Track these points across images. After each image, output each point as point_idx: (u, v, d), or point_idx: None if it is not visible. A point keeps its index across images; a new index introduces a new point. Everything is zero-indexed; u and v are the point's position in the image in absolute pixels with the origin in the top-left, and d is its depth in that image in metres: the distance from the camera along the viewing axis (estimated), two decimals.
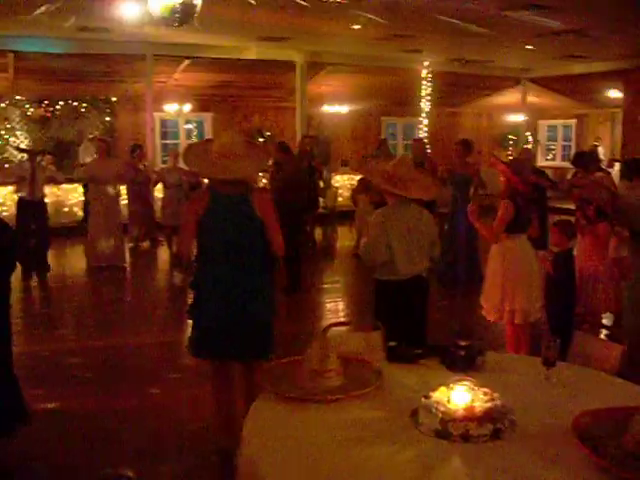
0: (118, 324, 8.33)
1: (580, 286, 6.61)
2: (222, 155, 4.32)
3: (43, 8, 9.74)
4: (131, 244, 13.16)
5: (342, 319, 8.13)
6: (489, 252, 6.25)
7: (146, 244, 13.39)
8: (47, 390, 5.95)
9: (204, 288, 4.50)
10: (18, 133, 16.79)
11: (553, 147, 24.20)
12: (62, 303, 9.50)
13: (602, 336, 5.00)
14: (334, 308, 9.20)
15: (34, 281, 10.32)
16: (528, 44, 14.48)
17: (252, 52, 15.44)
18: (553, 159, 23.90)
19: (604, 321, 7.03)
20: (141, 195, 13.17)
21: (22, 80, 16.25)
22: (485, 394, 2.82)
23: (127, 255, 12.12)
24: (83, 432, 5.20)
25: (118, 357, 6.99)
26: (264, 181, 13.03)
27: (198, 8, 6.93)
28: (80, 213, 14.97)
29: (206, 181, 4.90)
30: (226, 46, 15.01)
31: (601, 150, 19.44)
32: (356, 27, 12.36)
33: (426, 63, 17.67)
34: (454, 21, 11.07)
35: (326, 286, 10.59)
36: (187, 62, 16.09)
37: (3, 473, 4.51)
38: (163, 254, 12.88)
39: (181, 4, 6.69)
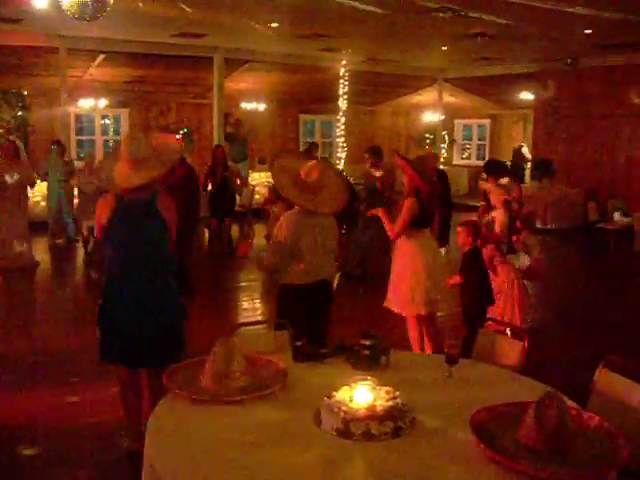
0: (33, 326, 8.14)
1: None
2: (129, 162, 4.27)
3: None
4: (48, 241, 12.90)
5: (258, 318, 8.12)
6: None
7: (62, 241, 13.09)
8: None
9: (112, 294, 4.45)
10: None
11: (469, 146, 24.69)
12: None
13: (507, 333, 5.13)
14: (250, 307, 9.18)
15: None
16: (443, 45, 14.76)
17: (169, 48, 15.26)
18: (469, 158, 24.38)
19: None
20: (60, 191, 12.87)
21: None
22: (387, 393, 2.88)
23: (40, 254, 11.85)
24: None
25: (32, 359, 6.82)
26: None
27: (110, 4, 6.80)
28: None
29: None
30: (143, 41, 14.79)
31: (526, 150, 19.95)
32: (274, 25, 12.36)
33: (344, 62, 17.79)
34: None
35: (242, 284, 10.56)
36: (102, 57, 15.78)
37: None
38: (80, 251, 12.62)
39: None
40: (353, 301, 8.76)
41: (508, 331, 5.20)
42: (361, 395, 2.83)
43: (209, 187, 12.72)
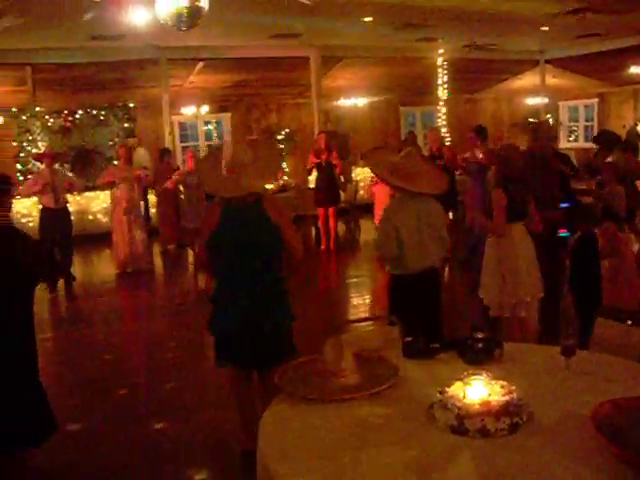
0: (148, 329, 8.39)
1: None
2: (231, 171, 4.33)
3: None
4: (160, 248, 13.33)
5: (364, 315, 8.09)
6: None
7: (173, 247, 13.45)
8: (79, 401, 6.01)
9: (223, 299, 4.51)
10: (40, 144, 16.91)
11: (575, 128, 23.92)
12: (90, 311, 9.57)
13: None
14: (360, 303, 9.16)
15: (60, 290, 10.41)
16: (543, 25, 14.31)
17: (266, 50, 15.44)
18: (576, 140, 23.63)
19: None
20: (169, 198, 13.25)
21: (41, 92, 16.38)
22: (502, 387, 2.78)
23: (154, 258, 12.26)
24: (112, 434, 5.26)
25: (148, 362, 7.03)
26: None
27: (204, 11, 6.92)
28: (105, 220, 15.08)
29: None
30: (239, 46, 15.01)
31: None
32: (367, 19, 12.30)
33: (441, 51, 17.56)
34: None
35: (348, 281, 10.56)
36: (201, 64, 16.12)
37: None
38: (190, 257, 12.93)
39: (187, 8, 6.69)
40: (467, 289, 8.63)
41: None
42: (475, 390, 2.74)
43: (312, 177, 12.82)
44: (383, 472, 2.46)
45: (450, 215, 9.65)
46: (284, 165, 17.54)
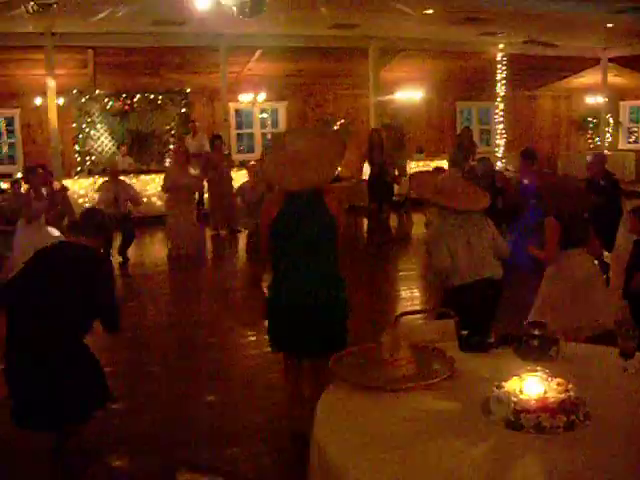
0: (201, 312, 8.52)
1: None
2: (296, 162, 4.36)
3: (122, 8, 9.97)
4: (211, 232, 13.49)
5: (417, 307, 8.07)
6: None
7: (225, 232, 13.58)
8: (127, 379, 6.13)
9: (280, 288, 4.54)
10: (98, 126, 17.20)
11: (636, 129, 23.44)
12: (146, 291, 9.76)
13: None
14: (409, 296, 9.15)
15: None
16: (607, 22, 14.05)
17: (325, 40, 15.45)
18: (636, 141, 23.15)
19: None
20: (222, 184, 13.36)
21: (101, 75, 16.66)
22: (559, 385, 2.77)
23: (207, 244, 12.45)
24: (164, 414, 5.35)
25: (198, 346, 7.12)
26: None
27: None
28: (159, 203, 15.27)
29: None
30: (298, 35, 15.04)
31: None
32: (429, 12, 12.24)
33: (500, 46, 17.37)
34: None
35: (401, 274, 10.55)
36: (259, 52, 16.20)
37: (87, 451, 4.65)
38: (241, 242, 13.04)
39: None
40: (522, 290, 8.54)
41: None
42: (532, 386, 2.74)
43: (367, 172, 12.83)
44: (450, 466, 2.45)
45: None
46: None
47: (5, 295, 4.46)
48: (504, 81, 18.04)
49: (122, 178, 11.90)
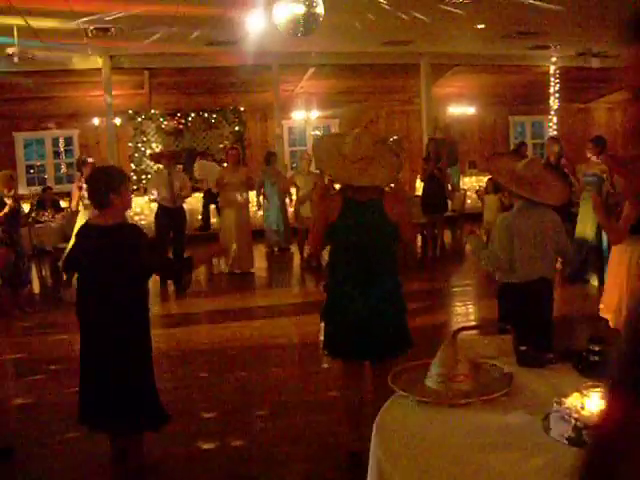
0: (254, 327, 8.58)
1: None
2: (357, 159, 4.35)
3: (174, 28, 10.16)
4: (266, 248, 13.62)
5: (472, 322, 8.02)
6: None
7: (277, 249, 13.66)
8: (179, 385, 6.21)
9: (337, 290, 4.53)
10: (153, 145, 17.52)
11: None
12: (197, 308, 9.83)
13: None
14: (464, 311, 9.10)
15: (170, 286, 10.72)
16: None
17: (377, 57, 15.50)
18: None
19: None
20: (276, 200, 13.44)
21: (156, 95, 17.00)
22: None
23: (259, 260, 12.50)
24: (219, 427, 5.41)
25: (253, 361, 7.17)
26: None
27: (321, 18, 7.02)
28: (213, 220, 15.46)
29: (337, 186, 4.95)
30: (350, 52, 15.12)
31: None
32: (480, 26, 12.21)
33: (553, 59, 17.21)
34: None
35: (455, 289, 10.49)
36: (312, 70, 16.32)
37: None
38: (295, 258, 13.11)
39: (304, 15, 6.81)
40: (580, 303, 8.44)
41: None
42: (594, 402, 2.70)
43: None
44: (501, 478, 2.44)
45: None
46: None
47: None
48: (557, 94, 17.85)
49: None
